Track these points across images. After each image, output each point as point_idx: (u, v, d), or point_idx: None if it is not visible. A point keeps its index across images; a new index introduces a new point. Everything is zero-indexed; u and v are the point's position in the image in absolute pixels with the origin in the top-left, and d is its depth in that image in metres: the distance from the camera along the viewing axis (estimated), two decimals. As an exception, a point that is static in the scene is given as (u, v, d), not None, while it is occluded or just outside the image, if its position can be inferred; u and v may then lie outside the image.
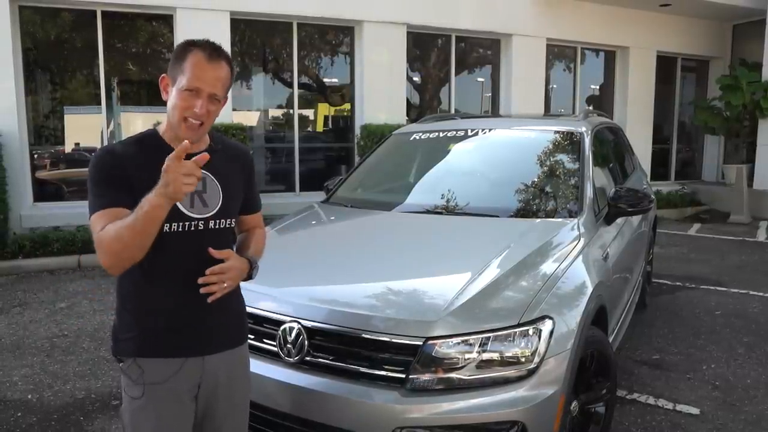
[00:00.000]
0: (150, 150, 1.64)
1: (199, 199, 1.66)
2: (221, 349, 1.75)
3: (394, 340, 2.11)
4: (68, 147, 7.98)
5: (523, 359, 2.10)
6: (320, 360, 2.20)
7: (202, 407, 1.74)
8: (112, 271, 1.55)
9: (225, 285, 1.64)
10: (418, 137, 4.07)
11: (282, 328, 2.28)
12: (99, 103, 7.75)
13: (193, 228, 1.64)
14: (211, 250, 1.62)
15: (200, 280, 1.60)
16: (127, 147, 1.66)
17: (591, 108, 10.92)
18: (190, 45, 1.62)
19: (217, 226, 1.70)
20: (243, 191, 1.82)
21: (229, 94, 1.79)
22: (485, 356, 2.08)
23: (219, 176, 1.71)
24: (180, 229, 1.62)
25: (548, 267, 2.50)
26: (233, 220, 1.77)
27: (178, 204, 1.61)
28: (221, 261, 1.72)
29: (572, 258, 2.61)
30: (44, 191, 7.62)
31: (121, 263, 1.54)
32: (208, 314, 1.69)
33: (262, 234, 1.95)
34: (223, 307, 1.72)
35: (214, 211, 1.69)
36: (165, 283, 1.65)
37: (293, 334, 2.24)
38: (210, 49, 1.62)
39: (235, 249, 1.85)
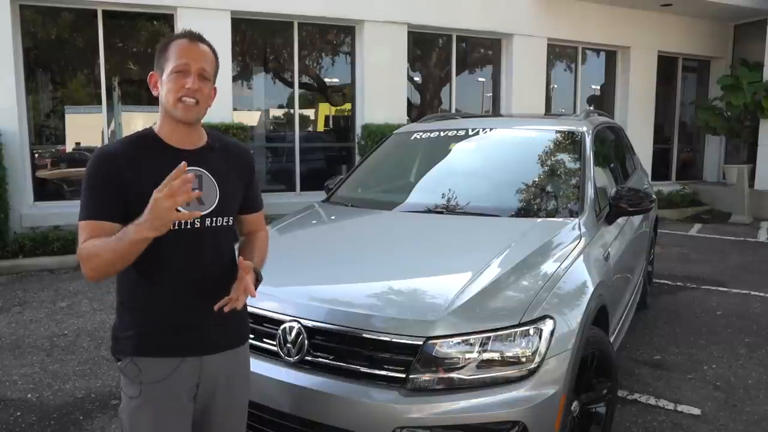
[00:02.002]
0: (147, 149, 1.64)
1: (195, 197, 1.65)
2: (220, 350, 1.74)
3: (394, 340, 2.10)
4: (69, 146, 7.98)
5: (523, 359, 2.09)
6: (320, 360, 2.19)
7: (201, 407, 1.73)
8: (92, 280, 1.57)
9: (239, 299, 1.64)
10: (418, 137, 4.07)
11: (282, 327, 2.27)
12: (100, 103, 7.76)
13: (189, 226, 1.63)
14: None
15: (226, 308, 1.61)
16: (125, 147, 1.65)
17: (592, 108, 10.91)
18: (172, 37, 1.66)
19: (214, 224, 1.69)
20: (242, 190, 1.81)
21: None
22: (486, 356, 2.08)
23: (216, 174, 1.70)
24: (176, 227, 1.60)
25: (549, 267, 2.49)
26: (231, 218, 1.76)
27: None
28: (223, 260, 1.71)
29: (573, 258, 2.60)
30: (45, 190, 7.62)
31: (100, 275, 1.55)
32: (207, 315, 1.66)
33: (265, 238, 1.93)
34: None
35: (211, 209, 1.67)
36: (162, 282, 1.64)
37: (293, 334, 2.24)
38: (191, 35, 1.67)
39: (237, 253, 1.84)
